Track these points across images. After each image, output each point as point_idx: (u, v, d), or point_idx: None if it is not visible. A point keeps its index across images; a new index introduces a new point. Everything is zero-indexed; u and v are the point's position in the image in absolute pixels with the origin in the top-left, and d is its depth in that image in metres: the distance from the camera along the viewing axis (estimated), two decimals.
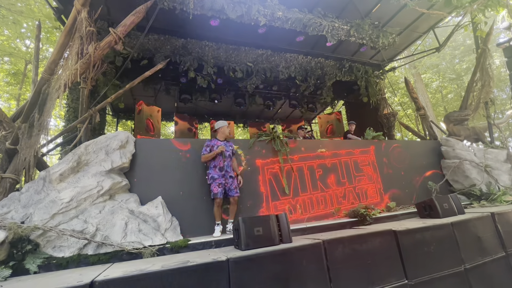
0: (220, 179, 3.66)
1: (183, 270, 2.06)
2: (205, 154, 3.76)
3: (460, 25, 7.39)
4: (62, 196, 2.97)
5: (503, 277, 3.26)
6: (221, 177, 3.68)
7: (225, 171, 3.72)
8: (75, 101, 5.67)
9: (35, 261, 2.53)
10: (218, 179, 3.65)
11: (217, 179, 3.65)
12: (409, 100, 14.69)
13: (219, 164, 3.73)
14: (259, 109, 10.49)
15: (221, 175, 3.69)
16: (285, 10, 5.48)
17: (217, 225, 3.58)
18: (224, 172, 3.71)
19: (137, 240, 2.96)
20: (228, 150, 3.85)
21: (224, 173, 3.71)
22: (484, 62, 6.72)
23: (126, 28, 3.93)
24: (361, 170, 5.17)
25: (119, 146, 3.55)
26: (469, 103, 6.87)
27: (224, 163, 3.73)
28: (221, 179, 3.67)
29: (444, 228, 3.21)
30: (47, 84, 3.37)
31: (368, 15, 6.60)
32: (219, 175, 3.68)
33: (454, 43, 16.79)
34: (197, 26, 6.19)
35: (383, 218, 4.35)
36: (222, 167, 3.72)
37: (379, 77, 8.88)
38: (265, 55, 7.41)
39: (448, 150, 5.98)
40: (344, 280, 2.55)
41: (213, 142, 3.85)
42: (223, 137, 3.99)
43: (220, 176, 3.68)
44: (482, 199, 5.12)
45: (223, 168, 3.72)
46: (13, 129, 3.36)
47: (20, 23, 9.63)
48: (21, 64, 11.87)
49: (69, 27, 3.42)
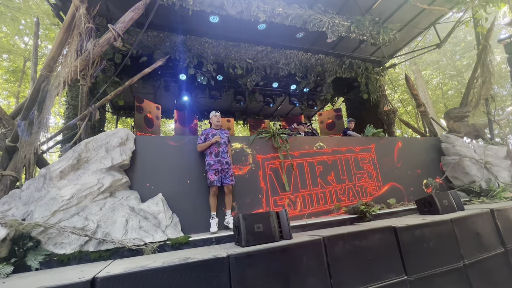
0: (216, 165, 3.72)
1: (184, 266, 2.07)
2: (200, 143, 3.87)
3: (461, 21, 7.35)
4: (63, 193, 2.97)
5: (502, 273, 3.28)
6: (217, 162, 3.74)
7: (220, 156, 3.78)
8: (75, 98, 5.66)
9: (36, 258, 2.54)
10: (214, 165, 3.72)
11: (213, 165, 3.72)
12: (409, 96, 14.66)
13: (214, 150, 3.81)
14: (259, 106, 10.47)
15: (217, 161, 3.75)
16: (285, 6, 5.44)
17: (213, 217, 3.59)
18: (220, 157, 3.77)
19: (138, 237, 2.98)
20: (223, 138, 3.94)
21: (219, 159, 3.76)
22: (485, 58, 6.69)
23: (125, 24, 3.90)
24: (361, 168, 5.18)
25: (119, 143, 3.55)
26: (470, 99, 6.85)
27: (219, 149, 3.81)
28: (217, 164, 3.73)
29: (444, 225, 3.22)
30: (46, 81, 3.36)
31: (368, 11, 6.56)
32: (214, 161, 3.74)
33: (455, 39, 16.70)
34: (196, 23, 6.15)
35: (383, 215, 4.36)
36: (218, 153, 3.79)
37: (379, 73, 8.85)
38: (265, 51, 7.38)
39: (448, 147, 5.98)
40: (344, 276, 2.56)
41: (208, 130, 3.97)
42: (215, 126, 4.10)
43: (216, 162, 3.74)
44: (481, 196, 5.13)
45: (218, 154, 3.79)
46: (13, 126, 3.36)
47: (18, 19, 9.58)
48: (20, 61, 11.82)
49: (67, 23, 3.39)
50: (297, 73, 7.91)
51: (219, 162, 3.75)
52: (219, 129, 4.07)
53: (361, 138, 5.65)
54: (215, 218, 3.60)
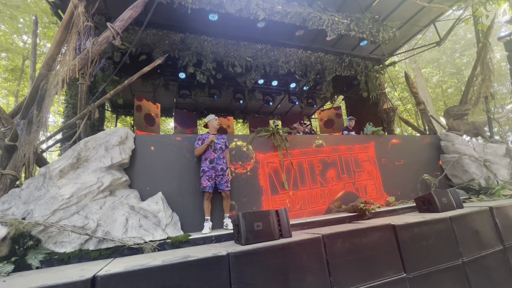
0: (210, 172, 3.67)
1: (184, 265, 2.08)
2: (197, 147, 3.81)
3: (461, 18, 7.33)
4: (63, 192, 2.97)
5: (500, 270, 3.29)
6: (211, 169, 3.69)
7: (215, 163, 3.73)
8: (74, 97, 5.65)
9: (37, 257, 2.55)
10: (208, 171, 3.67)
11: (207, 171, 3.67)
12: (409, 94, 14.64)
13: (209, 156, 3.75)
14: (258, 104, 10.46)
15: (211, 167, 3.70)
16: (285, 4, 5.42)
17: (206, 221, 3.56)
18: (215, 164, 3.72)
19: (138, 236, 2.99)
20: (220, 143, 3.87)
21: (214, 165, 3.71)
22: (485, 56, 6.69)
23: (124, 22, 3.89)
24: (360, 166, 5.19)
25: (119, 142, 3.55)
26: (469, 97, 6.86)
27: (214, 155, 3.75)
28: (211, 171, 3.68)
29: (443, 222, 3.24)
30: (45, 80, 3.35)
31: (368, 8, 6.54)
32: (208, 168, 3.69)
33: (455, 37, 16.67)
34: (195, 21, 6.13)
35: (382, 213, 4.38)
36: (212, 159, 3.74)
37: (379, 71, 8.83)
38: (264, 49, 7.36)
39: (447, 145, 5.98)
40: (343, 274, 2.58)
41: (205, 135, 3.91)
42: (214, 130, 4.05)
43: (210, 169, 3.69)
44: (480, 194, 5.14)
45: (213, 160, 3.74)
46: (12, 125, 3.35)
47: (16, 18, 9.53)
48: (19, 60, 11.77)
49: (66, 22, 3.37)
50: (297, 71, 7.90)
51: (213, 168, 3.69)
52: (216, 134, 4.00)
53: (360, 136, 5.65)
54: (209, 222, 3.57)
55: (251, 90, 9.02)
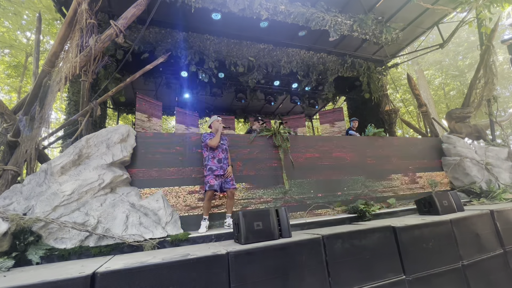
0: (218, 171, 3.64)
1: (183, 263, 2.09)
2: (211, 138, 3.75)
3: (464, 21, 7.31)
4: (64, 188, 2.98)
5: (501, 274, 3.28)
6: (220, 168, 3.67)
7: (223, 163, 3.72)
8: (76, 94, 5.67)
9: (37, 252, 2.56)
10: (216, 170, 3.64)
11: (215, 170, 3.64)
12: (411, 96, 14.61)
13: (218, 155, 3.73)
14: (260, 104, 10.45)
15: (220, 167, 3.67)
16: (288, 3, 5.42)
17: (204, 219, 3.52)
18: (223, 164, 3.71)
19: (138, 233, 2.99)
20: (224, 144, 3.88)
21: (222, 165, 3.70)
22: (488, 59, 6.66)
23: (127, 20, 3.90)
24: (360, 166, 5.17)
25: (120, 140, 3.56)
26: (472, 100, 6.83)
27: (222, 155, 3.75)
28: (220, 170, 3.66)
29: (443, 225, 3.22)
30: (48, 77, 3.36)
31: (371, 9, 6.52)
32: (217, 167, 3.66)
33: (458, 40, 16.61)
34: (198, 20, 6.13)
35: (382, 214, 4.37)
36: (221, 159, 3.72)
37: (381, 73, 8.82)
38: (266, 49, 7.36)
39: (449, 148, 5.97)
40: (342, 275, 2.57)
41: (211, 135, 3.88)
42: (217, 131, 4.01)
43: (219, 168, 3.66)
44: (481, 197, 5.12)
45: (221, 160, 3.72)
46: (14, 121, 3.37)
47: (20, 14, 9.58)
48: (22, 57, 11.82)
49: (69, 19, 3.39)
50: (299, 71, 7.89)
51: (221, 168, 3.67)
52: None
53: (362, 137, 5.64)
54: (207, 221, 3.53)
55: (253, 90, 9.02)
